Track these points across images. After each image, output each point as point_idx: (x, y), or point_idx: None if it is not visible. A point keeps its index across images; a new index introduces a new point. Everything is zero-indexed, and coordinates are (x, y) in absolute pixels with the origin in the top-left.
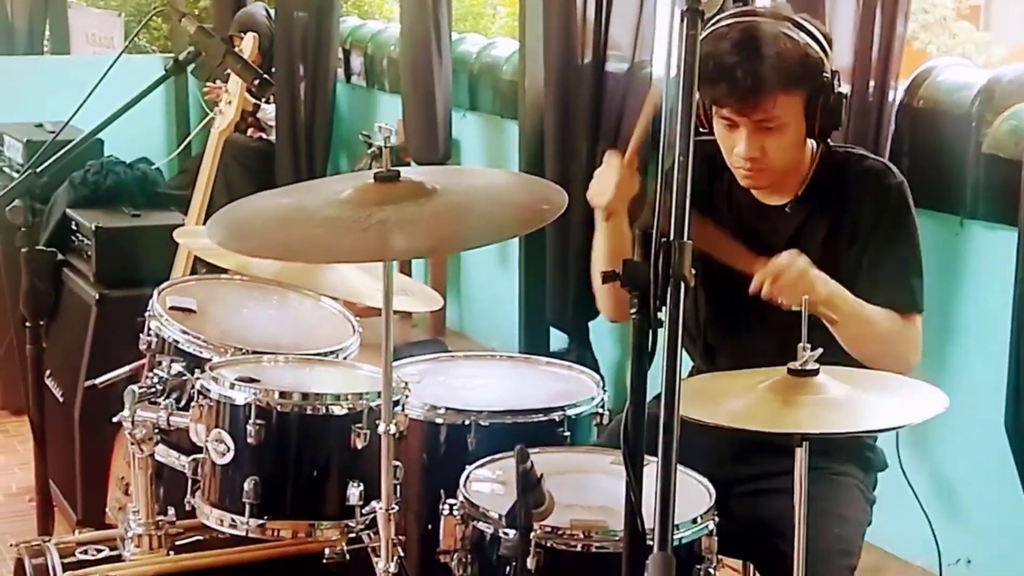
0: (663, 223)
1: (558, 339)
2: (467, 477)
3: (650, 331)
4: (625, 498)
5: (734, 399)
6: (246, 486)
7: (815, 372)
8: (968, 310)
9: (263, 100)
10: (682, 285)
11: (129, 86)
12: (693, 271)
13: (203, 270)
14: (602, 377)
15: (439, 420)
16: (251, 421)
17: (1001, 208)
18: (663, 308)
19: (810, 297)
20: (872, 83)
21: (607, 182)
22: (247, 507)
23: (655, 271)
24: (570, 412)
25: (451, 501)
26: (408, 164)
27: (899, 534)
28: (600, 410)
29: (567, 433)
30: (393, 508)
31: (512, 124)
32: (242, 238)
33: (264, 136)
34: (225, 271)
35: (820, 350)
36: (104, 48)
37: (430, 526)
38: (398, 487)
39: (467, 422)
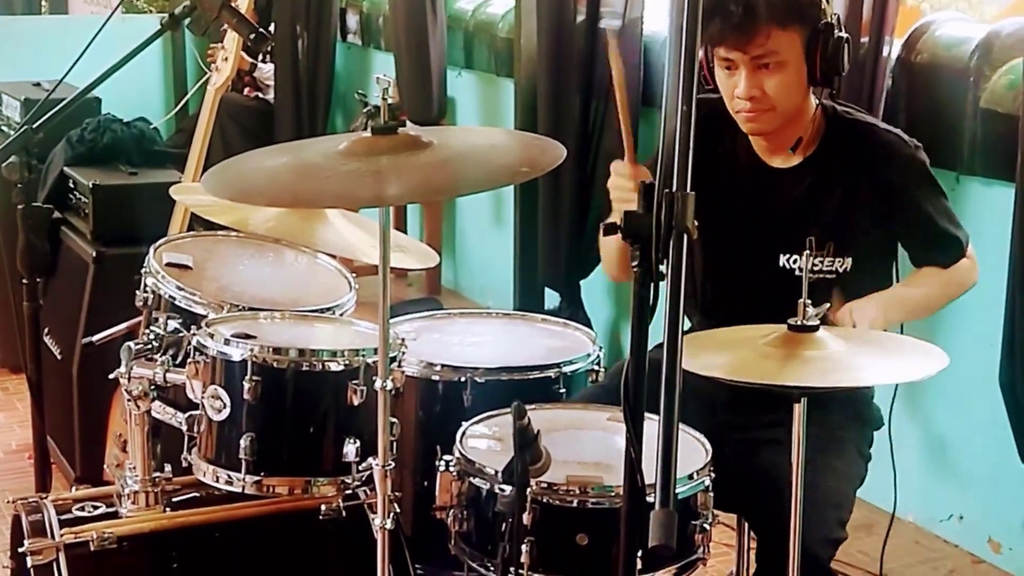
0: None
1: (552, 298)
2: (463, 433)
3: (651, 284)
4: (625, 453)
5: (734, 353)
6: (242, 442)
7: (815, 328)
8: None
9: (260, 59)
10: (684, 237)
11: (127, 46)
12: (695, 223)
13: (199, 228)
14: (596, 334)
15: (435, 377)
16: (247, 377)
17: (998, 164)
18: (665, 260)
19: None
20: (866, 39)
21: (624, 190)
22: (243, 463)
23: (657, 222)
24: (566, 369)
25: (447, 457)
26: (405, 123)
27: (891, 490)
28: (596, 367)
29: (563, 390)
30: (389, 464)
31: (507, 82)
32: (237, 186)
33: (261, 95)
34: (221, 228)
35: (827, 305)
36: (102, 8)
37: (426, 482)
38: (394, 444)
39: (463, 379)
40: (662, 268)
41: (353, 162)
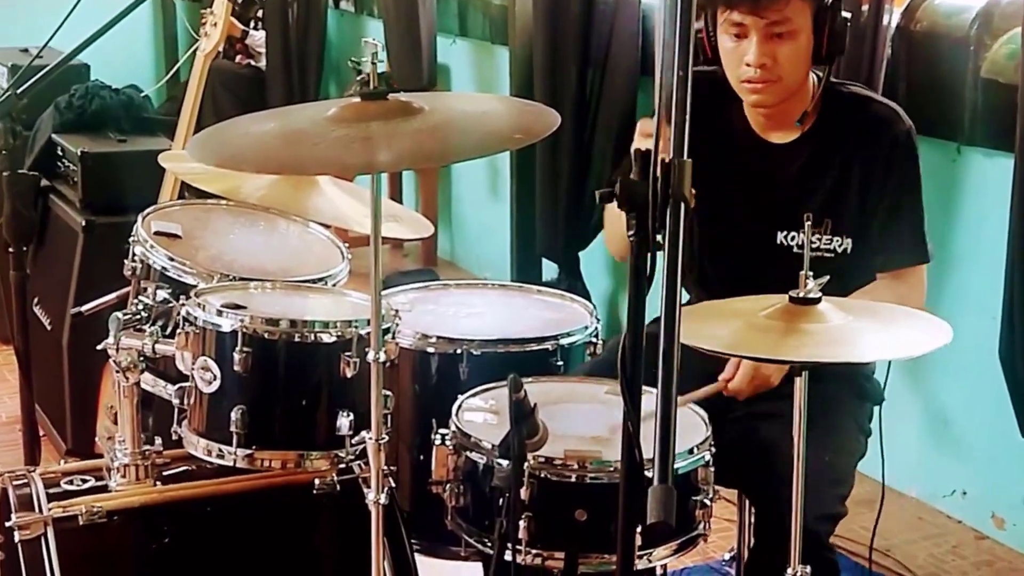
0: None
1: (549, 270)
2: (459, 407)
3: (648, 254)
4: (623, 428)
5: (734, 326)
6: (233, 415)
7: (817, 300)
8: (965, 238)
9: (251, 26)
10: (682, 206)
11: (114, 12)
12: (693, 192)
13: (190, 196)
14: (594, 306)
15: (430, 349)
16: (238, 348)
17: (999, 134)
18: (662, 230)
19: None
20: (866, 7)
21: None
22: (234, 436)
23: (654, 191)
24: (563, 341)
25: (443, 431)
26: (398, 91)
27: (893, 465)
28: (593, 339)
29: (560, 362)
30: (383, 438)
31: (502, 50)
32: (223, 152)
33: (253, 63)
34: (212, 196)
35: (826, 278)
36: None
37: (422, 456)
38: (389, 417)
39: (459, 351)
40: (659, 238)
41: (342, 128)
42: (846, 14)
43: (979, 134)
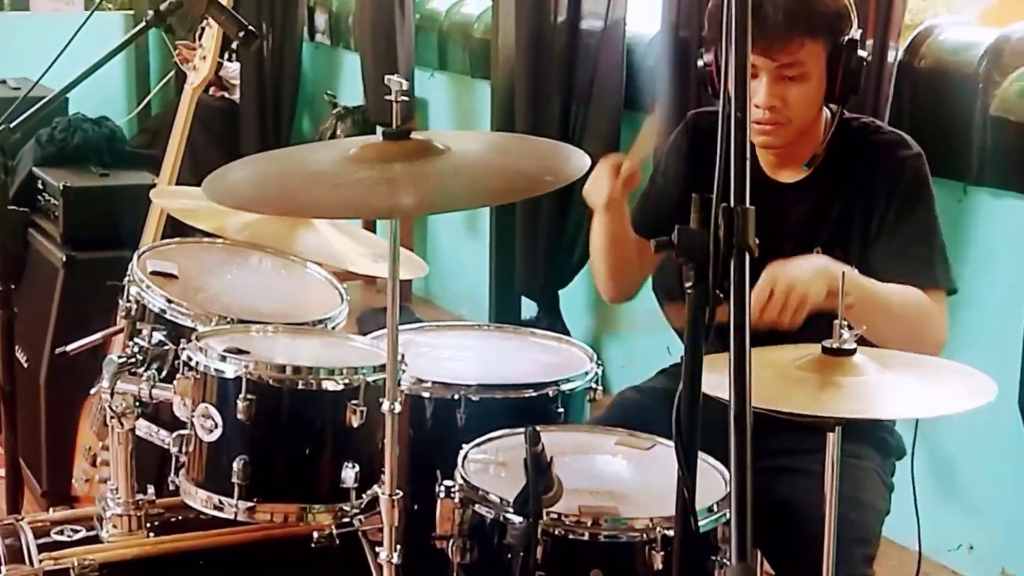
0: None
1: (529, 308)
2: (464, 457)
3: (707, 307)
4: (677, 494)
5: (765, 378)
6: (235, 465)
7: (852, 352)
8: (973, 282)
9: (226, 58)
10: (747, 255)
11: (91, 44)
12: (757, 241)
13: (173, 233)
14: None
15: (426, 395)
16: (241, 396)
17: (1009, 174)
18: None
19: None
20: (870, 42)
21: (604, 179)
22: (236, 488)
23: (715, 240)
24: (564, 387)
25: (447, 483)
26: (374, 127)
27: (895, 517)
28: (594, 385)
29: (561, 409)
30: (397, 494)
31: (483, 84)
32: (243, 194)
33: (227, 95)
34: (200, 233)
35: (863, 328)
36: (64, 4)
37: (416, 506)
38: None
39: (456, 396)
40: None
41: (364, 169)
42: (863, 53)
43: (987, 174)
